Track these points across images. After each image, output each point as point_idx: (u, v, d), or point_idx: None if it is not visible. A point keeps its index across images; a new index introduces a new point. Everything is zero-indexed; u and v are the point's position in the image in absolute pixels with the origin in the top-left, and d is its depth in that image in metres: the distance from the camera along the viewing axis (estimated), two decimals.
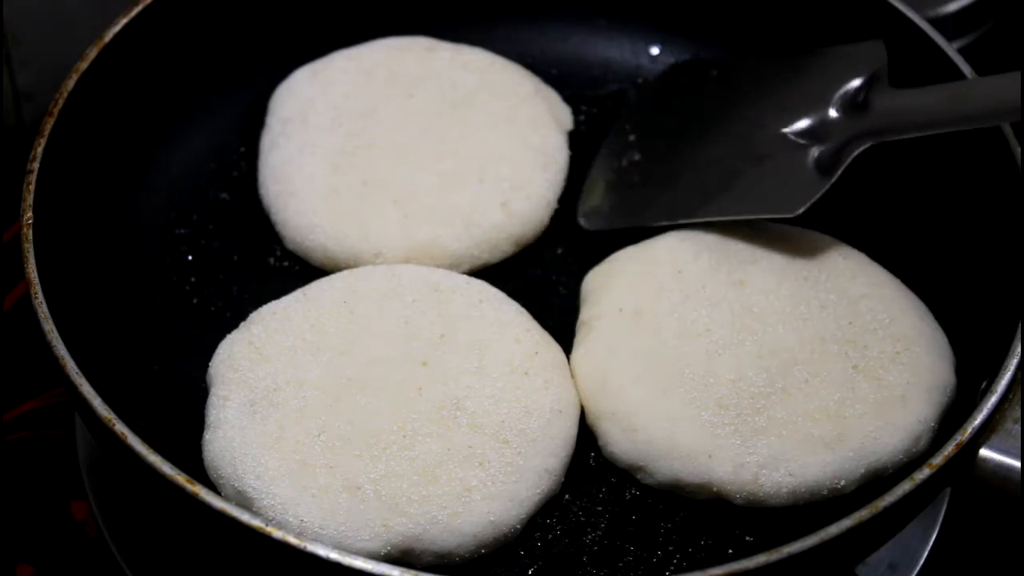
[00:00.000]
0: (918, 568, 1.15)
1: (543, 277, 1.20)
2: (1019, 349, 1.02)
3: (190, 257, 1.20)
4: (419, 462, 1.02)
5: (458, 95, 1.25)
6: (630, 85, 1.34)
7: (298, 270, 1.19)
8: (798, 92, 1.23)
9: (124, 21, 1.20)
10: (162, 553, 1.13)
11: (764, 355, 1.08)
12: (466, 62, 1.28)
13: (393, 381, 1.06)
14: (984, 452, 1.00)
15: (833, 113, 1.20)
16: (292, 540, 0.91)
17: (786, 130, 1.21)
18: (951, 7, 1.46)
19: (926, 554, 1.15)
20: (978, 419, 0.99)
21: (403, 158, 1.21)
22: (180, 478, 0.93)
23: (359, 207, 1.18)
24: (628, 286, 1.14)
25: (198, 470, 1.04)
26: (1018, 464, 1.00)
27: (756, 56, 1.31)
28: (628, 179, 1.25)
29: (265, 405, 1.04)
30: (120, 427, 0.96)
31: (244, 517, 0.92)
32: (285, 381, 1.05)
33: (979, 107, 1.11)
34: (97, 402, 0.98)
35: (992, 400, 1.00)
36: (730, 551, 1.04)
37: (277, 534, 0.91)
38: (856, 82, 1.20)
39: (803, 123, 1.21)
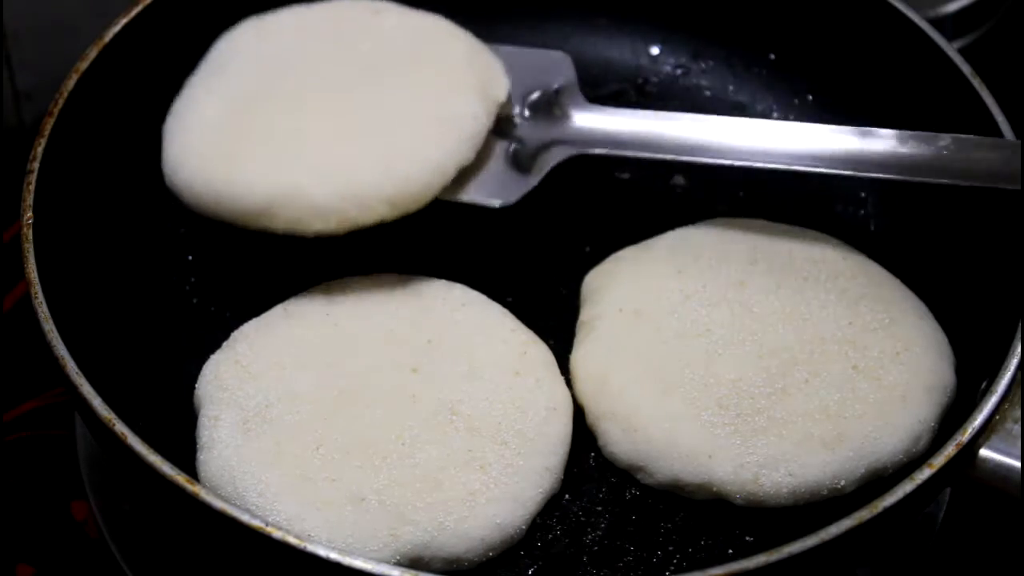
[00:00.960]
0: (918, 569, 1.15)
1: (543, 277, 1.20)
2: (1019, 349, 1.02)
3: (190, 257, 1.20)
4: (421, 469, 1.01)
5: (384, 58, 1.20)
6: (630, 85, 1.34)
7: (298, 271, 1.19)
8: None
9: (124, 21, 1.20)
10: (162, 553, 1.13)
11: (764, 355, 1.08)
12: (412, 27, 1.23)
13: (385, 390, 1.05)
14: (984, 452, 1.00)
15: (521, 113, 1.21)
16: (292, 540, 0.91)
17: None
18: (951, 7, 1.46)
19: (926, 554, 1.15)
20: (978, 419, 0.99)
21: (300, 110, 1.16)
22: (180, 478, 0.93)
23: (234, 149, 1.14)
24: (628, 286, 1.14)
25: None
26: (1018, 464, 1.00)
27: None
28: None
29: (259, 422, 1.04)
30: (120, 427, 0.96)
31: (244, 517, 0.91)
32: (276, 397, 1.05)
33: (666, 141, 1.13)
34: (97, 402, 0.98)
35: (992, 400, 1.00)
36: (730, 551, 1.04)
37: (277, 534, 0.91)
38: (543, 88, 1.21)
39: None
